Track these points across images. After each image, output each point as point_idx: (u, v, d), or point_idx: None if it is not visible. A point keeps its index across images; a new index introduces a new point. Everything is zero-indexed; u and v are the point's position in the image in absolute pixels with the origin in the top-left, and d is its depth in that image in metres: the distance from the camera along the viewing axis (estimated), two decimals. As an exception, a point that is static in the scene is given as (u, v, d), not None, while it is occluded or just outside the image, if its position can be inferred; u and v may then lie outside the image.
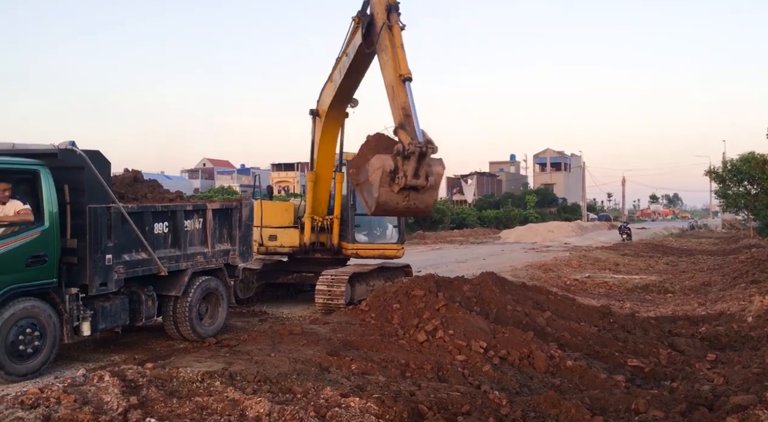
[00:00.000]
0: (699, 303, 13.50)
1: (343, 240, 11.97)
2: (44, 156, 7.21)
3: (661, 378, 7.57)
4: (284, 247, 11.99)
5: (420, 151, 7.92)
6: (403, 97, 8.48)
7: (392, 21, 8.88)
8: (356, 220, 12.03)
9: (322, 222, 11.96)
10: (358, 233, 12.08)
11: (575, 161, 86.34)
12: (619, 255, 26.19)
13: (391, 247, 12.30)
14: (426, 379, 6.71)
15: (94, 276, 7.29)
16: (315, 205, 12.00)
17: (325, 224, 11.97)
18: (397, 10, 9.01)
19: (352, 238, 11.95)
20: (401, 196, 8.15)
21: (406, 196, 8.16)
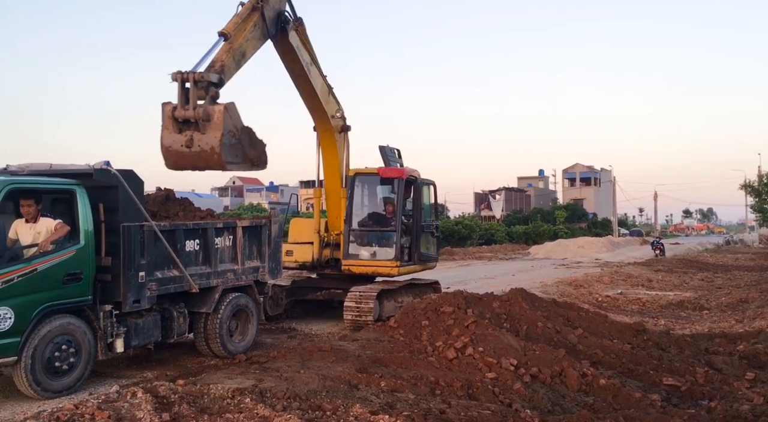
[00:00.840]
0: (736, 320, 13.16)
1: (342, 256, 11.84)
2: (80, 176, 7.38)
3: (698, 398, 7.38)
4: (297, 263, 12.12)
5: (182, 77, 8.20)
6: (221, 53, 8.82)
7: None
8: (351, 236, 11.80)
9: (336, 237, 12.02)
10: (353, 249, 11.81)
11: (605, 176, 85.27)
12: (652, 271, 25.70)
13: (386, 264, 11.52)
14: (456, 397, 6.65)
15: (128, 293, 7.41)
16: (331, 220, 12.16)
17: (335, 240, 12.09)
18: None
19: (345, 254, 11.77)
20: (185, 138, 8.19)
21: (189, 138, 8.16)
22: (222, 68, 8.62)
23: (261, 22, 9.56)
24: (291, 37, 10.40)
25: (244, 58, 9.31)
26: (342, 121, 12.13)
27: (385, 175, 11.87)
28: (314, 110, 11.66)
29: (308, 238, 12.27)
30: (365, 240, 11.89)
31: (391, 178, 11.81)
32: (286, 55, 10.64)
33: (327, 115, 11.67)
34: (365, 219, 12.23)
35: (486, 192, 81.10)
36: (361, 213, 12.34)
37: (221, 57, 8.80)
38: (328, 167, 12.10)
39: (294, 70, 10.91)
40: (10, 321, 6.43)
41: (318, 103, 11.43)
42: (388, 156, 12.72)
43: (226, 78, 8.77)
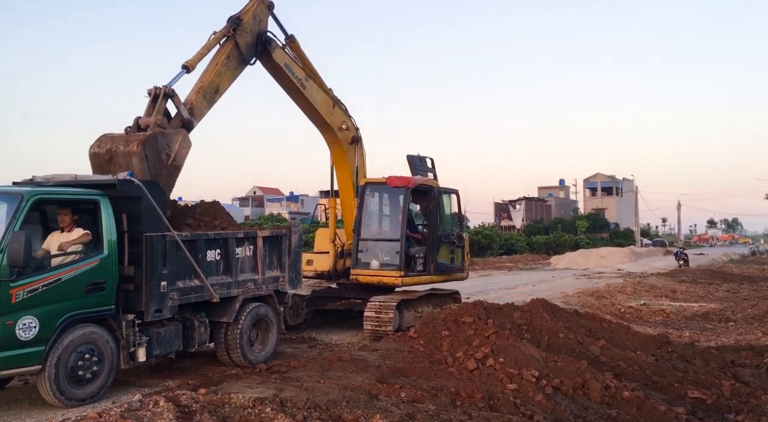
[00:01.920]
0: (763, 333, 12.90)
1: (352, 265, 11.81)
2: (104, 186, 7.49)
3: (725, 411, 7.24)
4: (316, 272, 12.20)
5: (155, 91, 8.50)
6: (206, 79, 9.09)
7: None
8: (360, 245, 11.73)
9: (349, 247, 12.07)
10: (363, 258, 11.71)
11: (627, 185, 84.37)
12: (676, 281, 25.31)
13: (389, 274, 11.34)
14: (477, 408, 6.59)
15: (150, 302, 7.48)
16: (346, 230, 12.25)
17: (343, 249, 12.20)
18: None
19: (353, 263, 11.74)
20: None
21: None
22: (192, 111, 8.78)
23: (236, 52, 9.51)
24: (276, 57, 10.31)
25: (219, 93, 9.37)
26: (352, 132, 12.15)
27: (392, 184, 11.75)
28: (317, 123, 11.71)
29: (327, 248, 12.33)
30: (372, 250, 11.84)
31: (398, 187, 11.70)
32: (275, 73, 10.63)
33: (332, 128, 11.70)
34: (374, 229, 12.25)
35: (506, 202, 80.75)
36: (372, 222, 12.34)
37: (191, 98, 8.88)
38: (340, 178, 12.23)
39: (287, 87, 10.91)
40: (35, 330, 6.52)
41: (319, 116, 11.45)
42: (416, 165, 12.73)
43: (196, 120, 8.96)
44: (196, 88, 9.02)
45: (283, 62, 10.50)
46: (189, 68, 8.88)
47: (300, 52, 11.02)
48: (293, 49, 10.88)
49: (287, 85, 10.88)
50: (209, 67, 9.24)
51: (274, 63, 10.37)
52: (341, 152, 12.03)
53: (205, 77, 9.13)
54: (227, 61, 9.39)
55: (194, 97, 8.92)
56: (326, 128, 11.76)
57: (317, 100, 11.28)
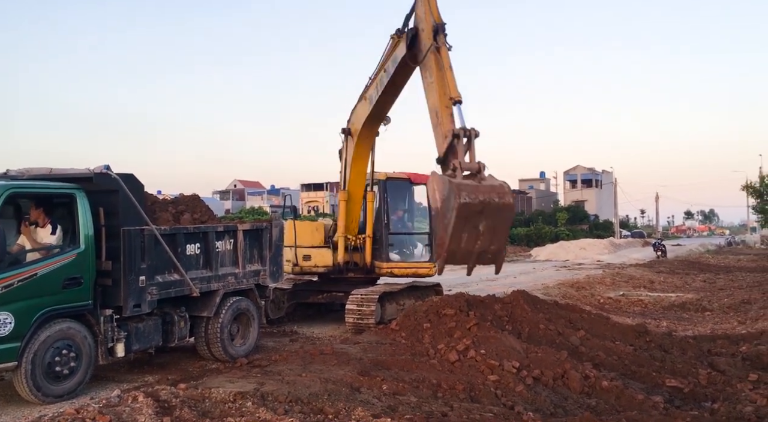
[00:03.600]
0: (739, 322, 13.11)
1: (376, 259, 11.95)
2: (80, 180, 7.38)
3: (701, 399, 7.35)
4: (318, 267, 12.00)
5: (463, 133, 7.96)
6: (448, 124, 8.25)
7: (439, 42, 8.69)
8: (390, 239, 12.03)
9: (356, 241, 11.97)
10: (391, 252, 12.07)
11: (607, 177, 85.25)
12: (654, 272, 25.64)
13: (424, 266, 12.17)
14: (458, 400, 6.62)
15: (128, 297, 7.40)
16: (348, 224, 12.00)
17: (358, 243, 11.98)
18: (444, 30, 8.80)
19: (386, 257, 11.91)
20: (469, 181, 7.71)
21: (478, 179, 7.76)
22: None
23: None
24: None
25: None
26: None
27: (416, 181, 12.38)
28: (383, 114, 11.19)
29: (317, 242, 12.16)
30: (403, 243, 12.33)
31: (420, 183, 12.24)
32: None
33: (384, 119, 11.49)
34: (401, 223, 12.55)
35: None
36: (397, 217, 12.58)
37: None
38: (356, 172, 11.79)
39: (403, 81, 10.24)
40: (10, 326, 6.42)
41: (391, 105, 11.12)
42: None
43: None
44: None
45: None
46: (461, 101, 8.44)
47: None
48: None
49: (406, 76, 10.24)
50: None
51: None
52: (369, 145, 11.72)
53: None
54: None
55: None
56: (380, 121, 11.36)
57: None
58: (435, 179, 7.84)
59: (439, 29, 8.76)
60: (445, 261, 7.78)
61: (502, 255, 8.06)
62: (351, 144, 11.48)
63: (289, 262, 11.78)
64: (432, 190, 7.89)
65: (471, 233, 7.51)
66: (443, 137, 8.23)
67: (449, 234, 7.46)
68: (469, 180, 7.69)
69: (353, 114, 11.40)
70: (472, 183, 7.65)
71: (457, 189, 7.38)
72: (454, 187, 7.42)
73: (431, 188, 7.92)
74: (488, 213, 7.58)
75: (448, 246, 7.53)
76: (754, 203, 38.43)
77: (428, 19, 8.88)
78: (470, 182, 7.65)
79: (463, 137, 7.99)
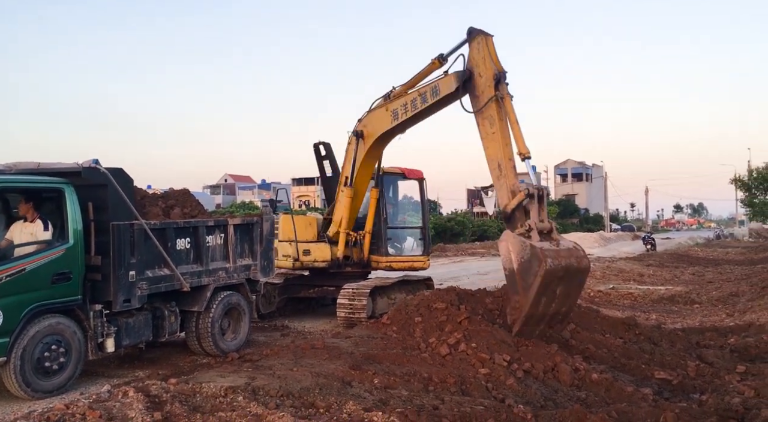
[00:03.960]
0: (727, 314, 13.23)
1: (374, 253, 12.04)
2: (68, 174, 7.32)
3: (690, 391, 7.41)
4: (318, 262, 11.95)
5: (537, 193, 7.85)
6: (513, 178, 8.21)
7: (503, 92, 8.51)
8: (388, 233, 12.19)
9: (356, 237, 11.98)
10: (390, 246, 12.24)
11: (597, 171, 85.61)
12: (644, 265, 25.81)
13: (418, 259, 12.57)
14: (449, 393, 6.64)
15: (118, 292, 7.36)
16: (350, 220, 11.96)
17: (359, 239, 12.00)
18: (505, 79, 8.58)
19: (385, 251, 12.06)
20: (547, 243, 7.57)
21: (549, 242, 7.62)
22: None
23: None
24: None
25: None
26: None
27: (410, 175, 12.58)
28: (405, 129, 10.99)
29: (310, 236, 12.06)
30: (399, 238, 12.59)
31: (420, 178, 12.62)
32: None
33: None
34: (397, 217, 12.79)
35: (478, 188, 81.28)
36: (393, 211, 12.74)
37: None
38: (365, 171, 11.65)
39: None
40: (-1, 322, 6.37)
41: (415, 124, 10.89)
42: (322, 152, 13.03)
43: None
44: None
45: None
46: (530, 157, 8.40)
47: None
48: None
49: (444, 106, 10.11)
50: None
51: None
52: (380, 151, 11.63)
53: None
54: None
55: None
56: (400, 134, 11.14)
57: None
58: (510, 240, 7.67)
59: (501, 78, 8.57)
60: (522, 326, 7.61)
61: (570, 316, 7.92)
62: (362, 147, 11.24)
63: (289, 257, 11.74)
64: (506, 250, 7.71)
65: (548, 297, 7.41)
66: (508, 191, 8.17)
67: (530, 300, 7.34)
68: (546, 242, 7.53)
69: (369, 120, 11.05)
70: (553, 247, 7.49)
71: (542, 254, 7.24)
72: (538, 252, 7.28)
73: (505, 248, 7.74)
74: (567, 277, 7.46)
75: (528, 311, 7.40)
76: (743, 196, 38.68)
77: (488, 65, 8.65)
78: (551, 246, 7.50)
79: (536, 197, 7.88)
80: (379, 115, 10.85)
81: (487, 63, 8.66)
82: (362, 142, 11.23)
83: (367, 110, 11.15)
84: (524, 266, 7.44)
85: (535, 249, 7.34)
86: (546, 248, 7.35)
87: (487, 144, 8.64)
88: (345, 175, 11.62)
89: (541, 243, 7.41)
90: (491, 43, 8.77)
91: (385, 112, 10.66)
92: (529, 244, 7.41)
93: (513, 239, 7.61)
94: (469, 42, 9.02)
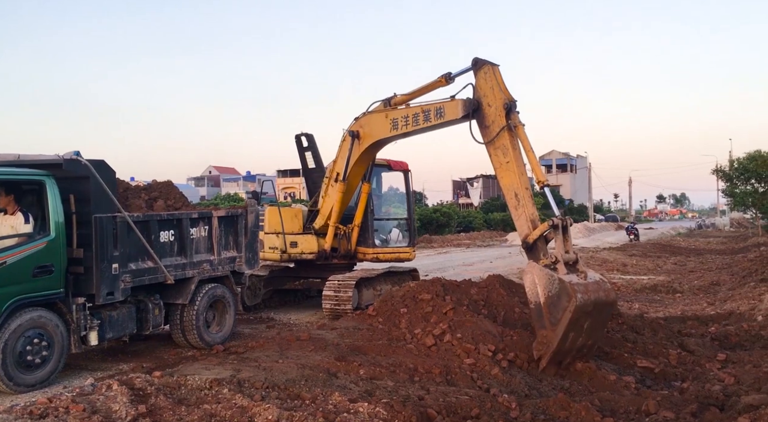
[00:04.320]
0: (708, 303, 13.41)
1: (361, 245, 12.10)
2: (49, 166, 7.23)
3: (672, 379, 7.51)
4: (305, 254, 11.91)
5: (562, 223, 7.67)
6: (531, 207, 8.12)
7: (515, 121, 8.40)
8: (375, 225, 12.27)
9: (345, 230, 11.96)
10: (377, 237, 12.33)
11: (581, 162, 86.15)
12: (627, 255, 26.08)
13: (404, 250, 12.68)
14: (434, 383, 6.68)
15: (101, 285, 7.30)
16: (340, 213, 11.87)
17: (347, 231, 12.00)
18: (516, 107, 8.48)
19: (372, 243, 12.13)
20: (574, 275, 7.33)
21: (576, 274, 7.40)
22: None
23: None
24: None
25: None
26: None
27: (396, 167, 12.63)
28: (405, 137, 10.81)
29: (296, 229, 12.04)
30: (386, 229, 12.71)
31: (405, 170, 12.66)
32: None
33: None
34: (383, 209, 12.95)
35: (464, 179, 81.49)
36: (380, 203, 12.90)
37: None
38: (359, 169, 11.55)
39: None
40: (-20, 316, 6.29)
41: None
42: (306, 144, 13.05)
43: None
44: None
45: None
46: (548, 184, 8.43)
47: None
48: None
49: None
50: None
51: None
52: (375, 152, 11.49)
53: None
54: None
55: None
56: (394, 140, 11.03)
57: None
58: (536, 272, 7.43)
59: (512, 107, 8.45)
60: (549, 361, 7.32)
61: (596, 348, 7.73)
62: (357, 147, 11.10)
63: (276, 249, 11.71)
64: (532, 283, 7.47)
65: (576, 332, 7.16)
66: (528, 221, 8.05)
67: (559, 336, 7.09)
68: (573, 275, 7.31)
69: (367, 122, 10.88)
70: (581, 281, 7.23)
71: (572, 289, 7.02)
72: (567, 286, 7.06)
73: (530, 281, 7.50)
74: (595, 311, 7.22)
75: (556, 347, 7.16)
76: (724, 187, 39.13)
77: (497, 95, 8.53)
78: (579, 280, 7.24)
79: (561, 227, 7.69)
80: (377, 119, 10.68)
81: (496, 92, 8.56)
82: (357, 143, 11.08)
83: (365, 111, 10.95)
84: (552, 300, 7.19)
85: (564, 283, 7.10)
86: (575, 282, 7.12)
87: (501, 174, 8.52)
88: (337, 171, 11.52)
89: (570, 277, 7.18)
90: (498, 72, 8.67)
91: (385, 119, 10.48)
92: (558, 278, 7.17)
93: (539, 272, 7.36)
94: (475, 72, 8.88)
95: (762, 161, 30.16)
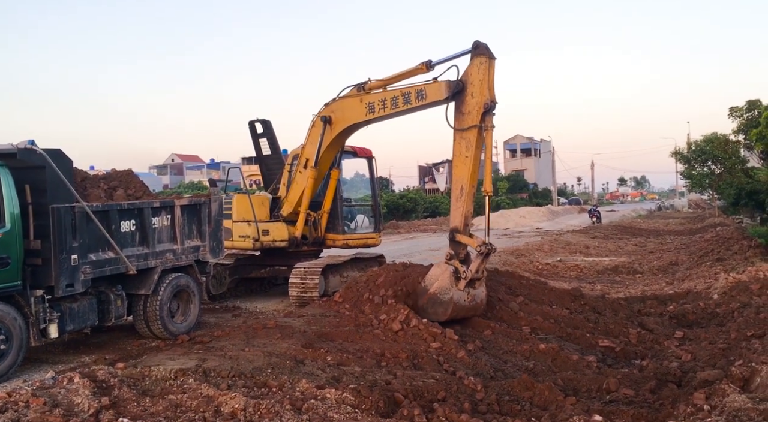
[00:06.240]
0: (667, 283, 13.79)
1: (331, 231, 12.17)
2: (3, 156, 7.01)
3: (632, 357, 7.72)
4: (276, 242, 11.79)
5: (488, 250, 8.48)
6: (469, 205, 8.85)
7: (488, 124, 8.64)
8: (344, 212, 12.36)
9: (315, 216, 11.94)
10: (345, 223, 12.38)
11: (545, 146, 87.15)
12: (590, 238, 26.60)
13: (371, 236, 12.87)
14: (401, 368, 6.74)
15: (60, 277, 7.14)
16: (310, 200, 11.79)
17: (317, 218, 11.99)
18: (494, 109, 8.69)
19: (342, 229, 12.23)
20: (465, 292, 8.55)
21: (468, 292, 8.59)
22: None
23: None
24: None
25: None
26: None
27: (362, 154, 12.77)
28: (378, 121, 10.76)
29: (263, 216, 11.85)
30: (353, 215, 12.83)
31: (370, 156, 12.80)
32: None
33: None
34: (350, 195, 13.19)
35: (430, 165, 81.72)
36: (347, 190, 13.04)
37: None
38: (330, 154, 11.50)
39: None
40: (-67, 311, 6.10)
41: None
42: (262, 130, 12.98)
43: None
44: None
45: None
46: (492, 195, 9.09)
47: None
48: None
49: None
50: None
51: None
52: (346, 137, 11.42)
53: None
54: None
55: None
56: (367, 125, 10.91)
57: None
58: (444, 275, 8.65)
59: (490, 108, 8.63)
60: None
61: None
62: (329, 133, 11.00)
63: (248, 237, 11.51)
64: (434, 276, 8.77)
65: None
66: (462, 216, 8.80)
67: (425, 313, 8.59)
68: (464, 292, 8.56)
69: (339, 107, 10.75)
70: (463, 301, 8.56)
71: (450, 310, 8.47)
72: (449, 305, 8.47)
73: (435, 274, 8.79)
74: (459, 316, 8.66)
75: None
76: (682, 169, 40.06)
77: (483, 90, 8.64)
78: (463, 301, 8.57)
79: (485, 254, 8.52)
80: (351, 104, 10.56)
81: (483, 87, 8.66)
82: (329, 128, 10.97)
83: (336, 96, 10.81)
84: (435, 299, 8.60)
85: (450, 301, 8.47)
86: (456, 302, 8.49)
87: (458, 164, 8.91)
88: (306, 157, 11.43)
89: (459, 296, 8.50)
90: (492, 68, 8.74)
91: (359, 103, 10.38)
92: (450, 294, 8.49)
93: (444, 276, 8.63)
94: (471, 55, 8.89)
95: (718, 143, 30.91)
